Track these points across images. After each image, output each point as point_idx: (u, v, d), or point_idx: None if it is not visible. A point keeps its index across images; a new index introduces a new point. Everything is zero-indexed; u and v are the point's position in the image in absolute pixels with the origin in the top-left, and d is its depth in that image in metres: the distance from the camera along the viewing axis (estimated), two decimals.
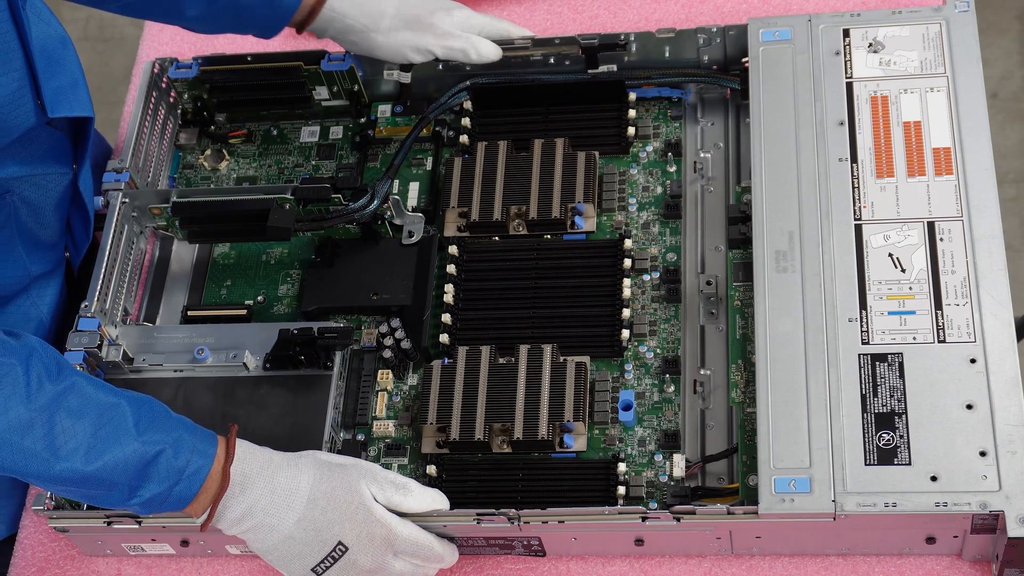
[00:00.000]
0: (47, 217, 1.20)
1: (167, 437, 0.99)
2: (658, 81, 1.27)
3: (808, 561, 1.08)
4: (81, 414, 0.97)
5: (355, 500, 1.03)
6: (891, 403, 1.03)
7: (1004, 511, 0.98)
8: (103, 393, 0.99)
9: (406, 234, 1.24)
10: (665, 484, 1.10)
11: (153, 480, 0.98)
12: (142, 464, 0.98)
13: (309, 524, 1.02)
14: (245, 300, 1.26)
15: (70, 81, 1.17)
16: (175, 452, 0.99)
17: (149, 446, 0.98)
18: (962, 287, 1.07)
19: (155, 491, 0.99)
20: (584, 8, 1.40)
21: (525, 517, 1.06)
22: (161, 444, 0.98)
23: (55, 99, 1.14)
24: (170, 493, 0.99)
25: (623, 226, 1.23)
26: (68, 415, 0.96)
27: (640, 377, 1.15)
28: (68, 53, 1.18)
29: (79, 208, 1.24)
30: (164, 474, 0.99)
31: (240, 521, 1.02)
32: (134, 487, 0.98)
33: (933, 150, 1.14)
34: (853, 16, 1.21)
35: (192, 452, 1.00)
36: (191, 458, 1.00)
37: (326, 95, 1.33)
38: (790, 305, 1.08)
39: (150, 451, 0.98)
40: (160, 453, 0.98)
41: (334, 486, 1.03)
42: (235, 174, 1.34)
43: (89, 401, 0.98)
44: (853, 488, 1.00)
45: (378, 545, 1.03)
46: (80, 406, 0.97)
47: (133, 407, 0.99)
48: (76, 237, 1.26)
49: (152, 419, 1.00)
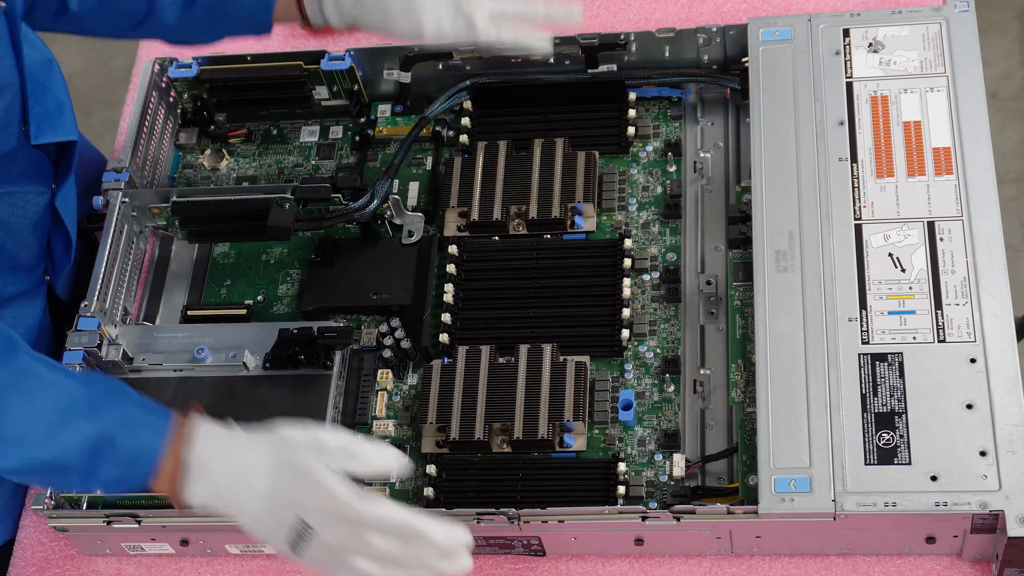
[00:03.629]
0: (23, 237, 1.18)
1: (120, 416, 0.96)
2: (658, 81, 1.27)
3: (808, 561, 1.08)
4: (31, 397, 0.94)
5: (310, 479, 0.97)
6: (891, 403, 1.03)
7: (1004, 511, 0.98)
8: (54, 373, 0.96)
9: (406, 234, 1.24)
10: (665, 484, 1.10)
11: (108, 461, 0.95)
12: (95, 445, 0.95)
13: (273, 505, 0.97)
14: (245, 300, 1.26)
15: (55, 105, 1.16)
16: (128, 432, 0.96)
17: (101, 427, 0.95)
18: (962, 287, 1.07)
19: (112, 473, 0.96)
20: (584, 8, 1.40)
21: (525, 517, 1.06)
22: (113, 424, 0.95)
23: (40, 124, 1.13)
24: (127, 473, 0.96)
25: (623, 226, 1.23)
26: (19, 400, 0.94)
27: (640, 377, 1.15)
28: (54, 76, 1.17)
29: (60, 230, 1.22)
30: (119, 455, 0.96)
31: (211, 503, 0.98)
32: (89, 469, 0.95)
33: (933, 150, 1.14)
34: (853, 16, 1.21)
35: (145, 431, 0.97)
36: (143, 437, 0.96)
37: (326, 95, 1.33)
38: (790, 305, 1.08)
39: (102, 432, 0.95)
40: (112, 433, 0.95)
41: (288, 463, 0.98)
42: (235, 174, 1.34)
43: (39, 383, 0.95)
44: (853, 488, 1.00)
45: (343, 525, 0.97)
46: (31, 389, 0.94)
47: (85, 387, 0.97)
48: (56, 259, 1.24)
49: (105, 398, 0.97)
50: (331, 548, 0.98)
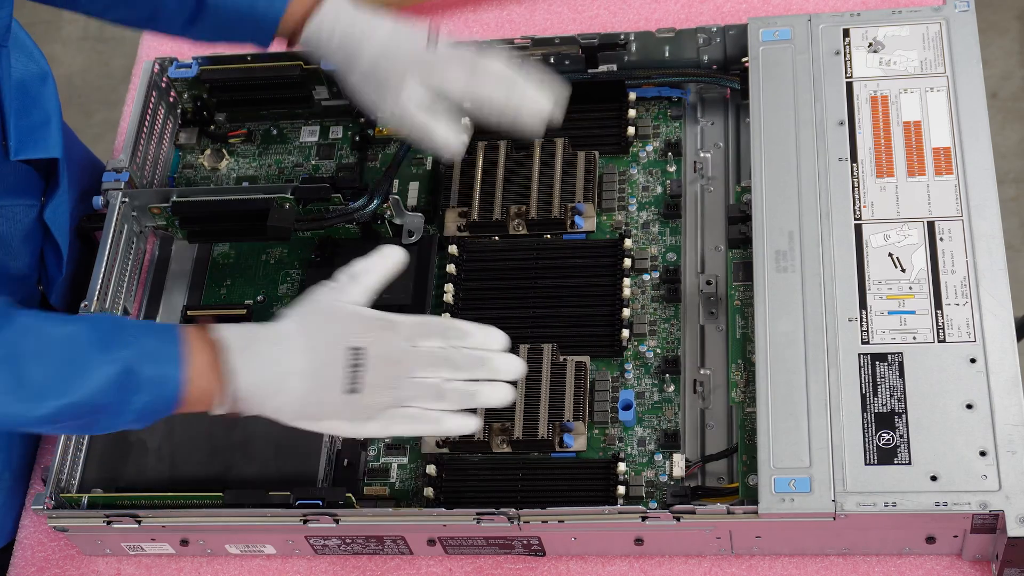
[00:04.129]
0: (15, 248, 1.18)
1: (133, 348, 0.96)
2: (658, 81, 1.27)
3: (808, 561, 1.08)
4: (42, 350, 0.94)
5: (338, 307, 0.99)
6: (891, 403, 1.03)
7: (1004, 511, 0.98)
8: (55, 325, 0.96)
9: (406, 234, 1.24)
10: (665, 484, 1.10)
11: (137, 391, 0.95)
12: (118, 380, 0.94)
13: (317, 350, 0.98)
14: (245, 300, 1.26)
15: (42, 119, 1.15)
16: (145, 360, 0.95)
17: (118, 362, 0.94)
18: (962, 287, 1.07)
19: (143, 401, 0.95)
20: (584, 8, 1.40)
21: (525, 517, 1.06)
22: (129, 356, 0.95)
23: (23, 139, 1.12)
24: (157, 399, 0.96)
25: (623, 226, 1.23)
26: (31, 356, 0.93)
27: (640, 377, 1.15)
28: (47, 90, 1.17)
29: (52, 243, 1.22)
30: (144, 383, 0.95)
31: (257, 384, 0.97)
32: (122, 403, 0.95)
33: (933, 150, 1.14)
34: (853, 16, 1.21)
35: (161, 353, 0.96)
36: (162, 361, 0.96)
37: (326, 95, 1.33)
38: (790, 305, 1.08)
39: (120, 366, 0.94)
40: (131, 365, 0.95)
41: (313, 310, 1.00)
42: (235, 174, 1.34)
43: (45, 337, 0.94)
44: (853, 488, 1.00)
45: (387, 336, 0.99)
46: (38, 344, 0.94)
47: (89, 328, 0.96)
48: (48, 271, 1.24)
49: (113, 334, 0.96)
50: (389, 364, 0.98)
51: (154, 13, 1.15)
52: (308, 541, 1.13)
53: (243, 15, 1.14)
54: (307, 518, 1.09)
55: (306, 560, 1.15)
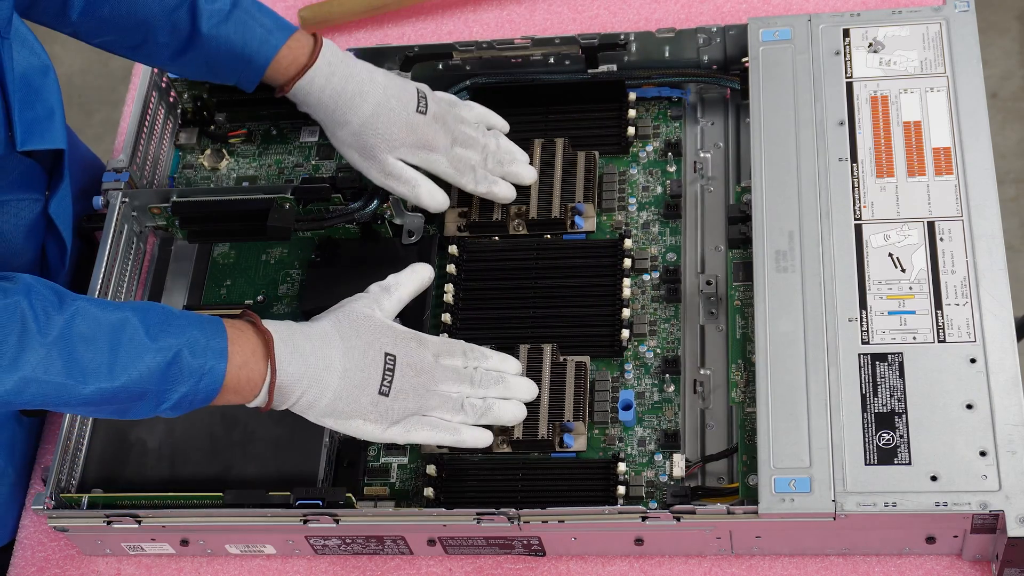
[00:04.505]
0: (17, 245, 1.19)
1: (181, 338, 1.00)
2: (658, 81, 1.27)
3: (808, 561, 1.08)
4: (93, 336, 0.97)
5: (375, 317, 1.08)
6: (891, 403, 1.03)
7: (1004, 511, 0.98)
8: (108, 311, 0.99)
9: (406, 234, 1.24)
10: (665, 484, 1.10)
11: (179, 382, 0.99)
12: (164, 368, 0.98)
13: (354, 351, 1.04)
14: (245, 300, 1.26)
15: (46, 112, 1.16)
16: (191, 351, 0.99)
17: (166, 352, 0.99)
18: (962, 287, 1.07)
19: (183, 391, 0.99)
20: (584, 8, 1.40)
21: (525, 517, 1.06)
22: (177, 346, 0.99)
23: (28, 131, 1.13)
24: (197, 390, 1.00)
25: (623, 226, 1.23)
26: (82, 340, 0.97)
27: (640, 377, 1.15)
28: (48, 82, 1.17)
29: (55, 237, 1.23)
30: (187, 374, 0.99)
31: (300, 377, 1.02)
32: (162, 392, 0.99)
33: (933, 150, 1.14)
34: (853, 16, 1.21)
35: (206, 350, 1.00)
36: (206, 356, 1.00)
37: None
38: (790, 305, 1.08)
39: (168, 355, 0.99)
40: (178, 354, 0.99)
41: (350, 316, 1.07)
42: (235, 174, 1.34)
43: (97, 321, 0.98)
44: (853, 488, 1.00)
45: (415, 347, 1.07)
46: (90, 329, 0.97)
47: (140, 316, 1.00)
48: (51, 266, 1.24)
49: (162, 323, 1.00)
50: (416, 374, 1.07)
51: (143, 41, 1.16)
52: (308, 541, 1.13)
53: (234, 53, 1.16)
54: (307, 518, 1.09)
55: (306, 560, 1.15)
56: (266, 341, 1.02)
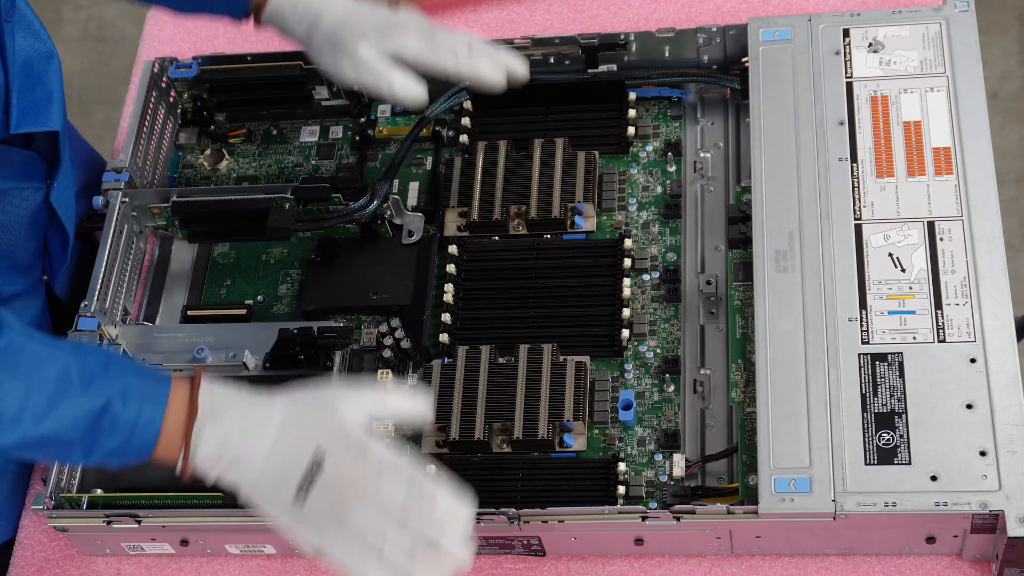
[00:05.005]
0: (19, 235, 1.18)
1: (114, 386, 0.93)
2: (658, 81, 1.27)
3: (808, 561, 1.08)
4: (21, 374, 0.91)
5: (327, 414, 0.96)
6: (891, 403, 1.03)
7: (1004, 511, 0.98)
8: (44, 347, 0.94)
9: (406, 234, 1.24)
10: (665, 484, 1.10)
11: (106, 433, 0.93)
12: (92, 418, 0.92)
13: (284, 446, 0.95)
14: (245, 300, 1.26)
15: (45, 95, 1.15)
16: (124, 401, 0.93)
17: (96, 398, 0.92)
18: (962, 287, 1.07)
19: (111, 444, 0.93)
20: (584, 8, 1.40)
21: (525, 517, 1.06)
22: (108, 394, 0.93)
23: (24, 113, 1.12)
24: (129, 444, 0.94)
25: (623, 226, 1.23)
26: (8, 377, 0.91)
27: (640, 377, 1.15)
28: (52, 69, 1.16)
29: (57, 228, 1.22)
30: (118, 425, 0.93)
31: (218, 457, 0.95)
32: (90, 442, 0.93)
33: (933, 150, 1.14)
34: (853, 16, 1.21)
35: (142, 399, 0.94)
36: (143, 405, 0.94)
37: (326, 95, 1.33)
38: (790, 305, 1.08)
39: (97, 403, 0.92)
40: (108, 404, 0.93)
41: (307, 404, 0.97)
42: (235, 174, 1.34)
43: (28, 359, 0.92)
44: (853, 488, 1.00)
45: (353, 458, 0.94)
46: (19, 366, 0.92)
47: (77, 359, 0.94)
48: (53, 258, 1.24)
49: (98, 369, 0.94)
50: (339, 491, 0.94)
51: None
52: None
53: None
54: None
55: (306, 560, 1.15)
56: (190, 412, 0.95)
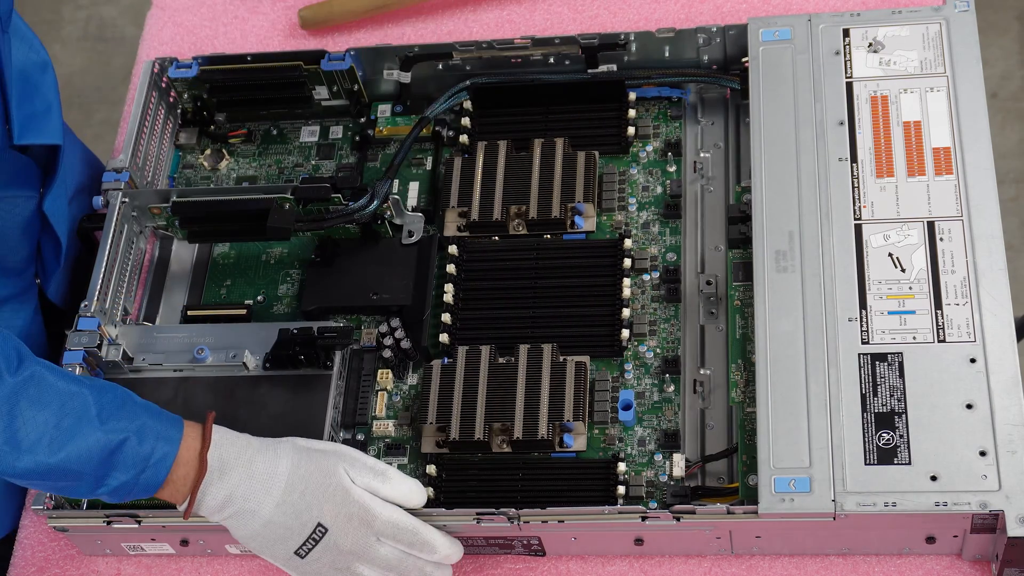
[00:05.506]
0: (12, 241, 1.19)
1: (131, 424, 0.99)
2: (658, 81, 1.27)
3: (808, 561, 1.08)
4: (43, 405, 0.96)
5: (333, 482, 1.02)
6: (891, 403, 1.03)
7: (1004, 511, 0.98)
8: (64, 382, 0.98)
9: (406, 234, 1.24)
10: (665, 484, 1.10)
11: (118, 469, 0.98)
12: (106, 453, 0.97)
13: (288, 508, 1.02)
14: (245, 300, 1.26)
15: (43, 107, 1.16)
16: (139, 439, 0.98)
17: (113, 434, 0.97)
18: (962, 287, 1.07)
19: (121, 479, 0.98)
20: (584, 8, 1.40)
21: (525, 517, 1.06)
22: (125, 432, 0.98)
23: (25, 125, 1.13)
24: (137, 481, 0.99)
25: (623, 226, 1.23)
26: (29, 406, 0.95)
27: (640, 377, 1.15)
28: (47, 79, 1.17)
29: (50, 235, 1.23)
30: (130, 462, 0.98)
31: (221, 508, 1.02)
32: (100, 476, 0.98)
33: (933, 150, 1.14)
34: (853, 16, 1.21)
35: (157, 439, 0.99)
36: (156, 444, 0.99)
37: (326, 95, 1.33)
38: (790, 305, 1.08)
39: (114, 440, 0.97)
40: (124, 441, 0.98)
41: (311, 469, 1.03)
42: (235, 174, 1.34)
43: (50, 391, 0.97)
44: (853, 488, 1.00)
45: (356, 526, 1.02)
46: (41, 396, 0.96)
47: (95, 395, 0.99)
48: (46, 263, 1.24)
49: (115, 406, 0.99)
50: (339, 553, 1.02)
51: None
52: None
53: None
54: None
55: None
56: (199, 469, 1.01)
